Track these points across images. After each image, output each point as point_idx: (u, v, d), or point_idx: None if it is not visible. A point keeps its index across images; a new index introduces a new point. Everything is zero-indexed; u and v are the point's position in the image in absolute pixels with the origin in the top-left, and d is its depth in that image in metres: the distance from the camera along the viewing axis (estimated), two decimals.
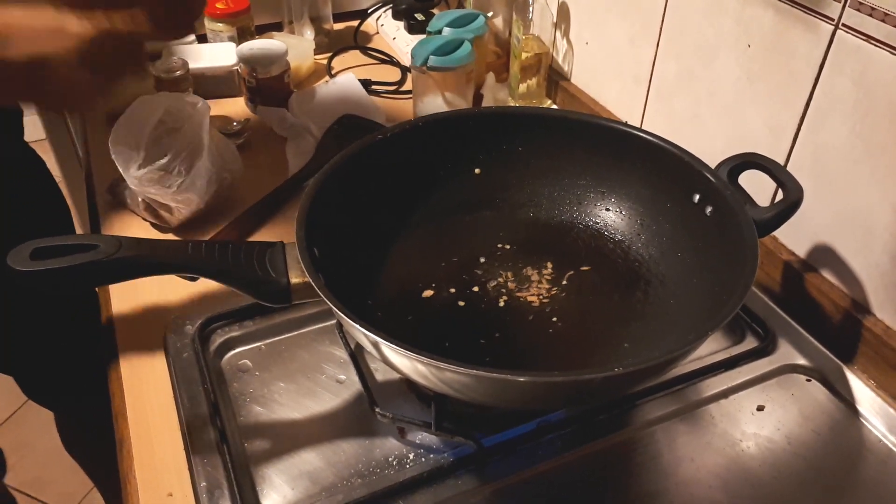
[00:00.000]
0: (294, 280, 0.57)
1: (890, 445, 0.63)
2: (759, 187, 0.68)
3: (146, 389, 0.67)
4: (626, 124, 0.71)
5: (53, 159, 1.56)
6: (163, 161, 0.76)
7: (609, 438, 0.63)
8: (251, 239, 0.83)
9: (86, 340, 1.09)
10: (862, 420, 0.65)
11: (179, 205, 0.80)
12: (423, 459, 0.61)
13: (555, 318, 0.66)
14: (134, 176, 0.76)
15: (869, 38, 0.62)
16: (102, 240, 0.54)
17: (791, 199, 0.61)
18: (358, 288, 0.65)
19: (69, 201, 1.10)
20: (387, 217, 0.71)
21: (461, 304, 0.67)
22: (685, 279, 0.65)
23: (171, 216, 0.81)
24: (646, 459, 0.62)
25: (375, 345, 0.52)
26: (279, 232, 0.84)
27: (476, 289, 0.69)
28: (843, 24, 0.64)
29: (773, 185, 0.73)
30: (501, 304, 0.67)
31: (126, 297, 0.75)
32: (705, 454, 0.62)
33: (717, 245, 0.63)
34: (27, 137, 0.99)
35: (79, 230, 1.40)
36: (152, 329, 0.72)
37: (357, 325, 0.51)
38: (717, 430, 0.64)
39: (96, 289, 0.79)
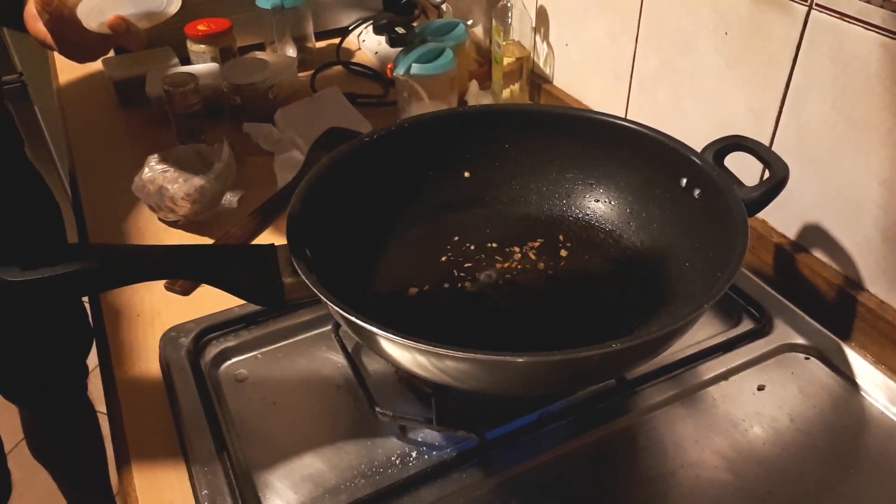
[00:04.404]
0: (287, 280, 0.57)
1: (892, 417, 0.63)
2: (745, 170, 0.68)
3: (143, 403, 0.66)
4: (609, 115, 0.72)
5: None
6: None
7: (611, 425, 0.63)
8: None
9: (70, 347, 1.11)
10: (863, 394, 0.65)
11: (184, 202, 0.83)
12: (426, 456, 0.60)
13: (549, 310, 0.66)
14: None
15: (842, 15, 0.63)
16: (92, 248, 0.54)
17: (777, 176, 0.62)
18: (351, 288, 0.65)
19: None
20: (379, 217, 0.71)
21: (455, 300, 0.67)
22: (678, 263, 0.66)
23: (175, 206, 0.84)
24: (649, 444, 0.61)
25: (373, 338, 0.52)
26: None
27: (469, 285, 0.68)
28: (817, 4, 0.65)
29: (759, 167, 0.73)
30: (495, 298, 0.67)
31: (119, 312, 0.75)
32: (709, 435, 0.61)
33: (708, 226, 0.63)
34: None
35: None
36: (147, 343, 0.71)
37: (354, 318, 0.50)
38: (719, 412, 0.64)
39: (88, 309, 0.79)
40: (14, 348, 1.05)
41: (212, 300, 0.75)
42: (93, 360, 1.06)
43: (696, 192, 0.65)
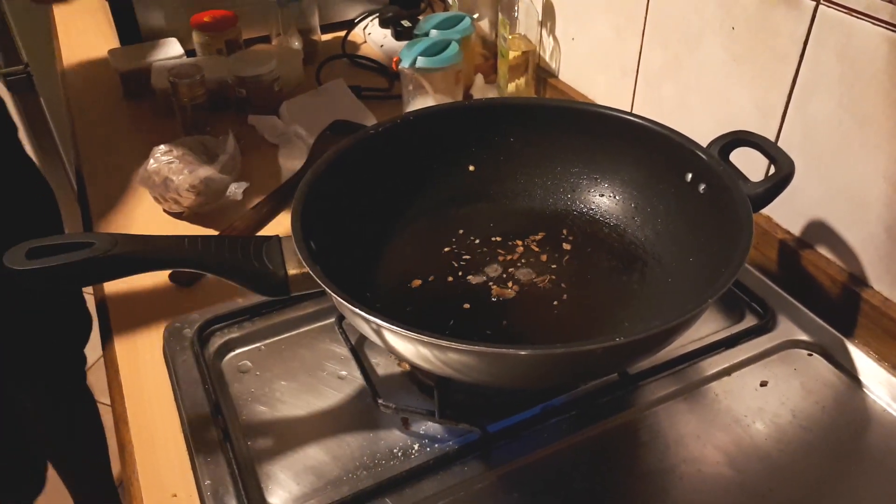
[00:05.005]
0: (291, 271, 0.57)
1: (895, 414, 0.63)
2: (750, 166, 0.68)
3: (146, 394, 0.66)
4: (615, 109, 0.71)
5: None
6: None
7: (613, 420, 0.63)
8: None
9: (68, 335, 1.11)
10: (865, 391, 0.65)
11: (189, 193, 0.83)
12: (428, 449, 0.61)
13: (554, 303, 0.66)
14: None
15: (850, 10, 0.63)
16: (98, 237, 0.54)
17: (783, 172, 0.62)
18: (355, 281, 0.65)
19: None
20: (383, 210, 0.71)
21: (458, 293, 0.67)
22: (682, 258, 0.66)
23: (180, 198, 0.84)
24: (651, 439, 0.61)
25: (377, 330, 0.52)
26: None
27: (471, 278, 0.69)
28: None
29: (765, 163, 0.73)
30: (498, 291, 0.67)
31: (123, 302, 0.75)
32: (711, 431, 0.61)
33: (712, 221, 0.63)
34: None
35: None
36: (150, 334, 0.71)
37: (357, 310, 0.51)
38: (721, 407, 0.64)
39: (92, 299, 0.79)
40: (11, 335, 1.05)
41: (216, 291, 0.76)
42: (96, 351, 1.07)
43: (701, 187, 0.65)
